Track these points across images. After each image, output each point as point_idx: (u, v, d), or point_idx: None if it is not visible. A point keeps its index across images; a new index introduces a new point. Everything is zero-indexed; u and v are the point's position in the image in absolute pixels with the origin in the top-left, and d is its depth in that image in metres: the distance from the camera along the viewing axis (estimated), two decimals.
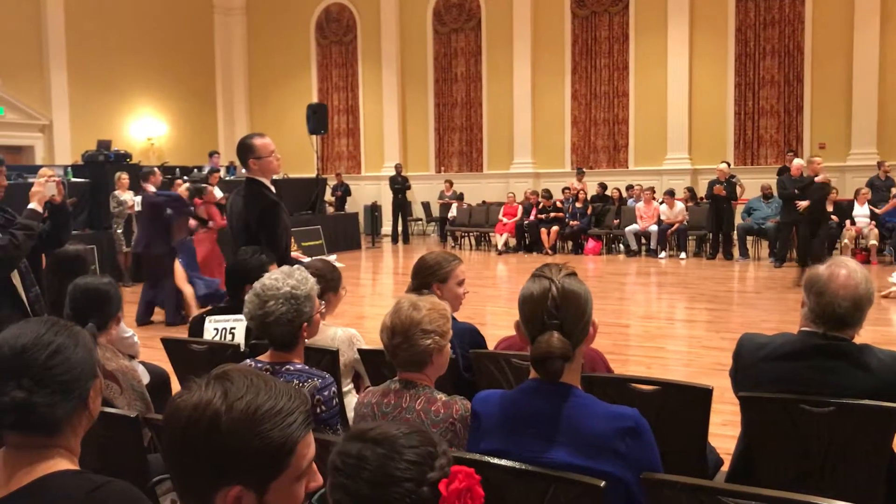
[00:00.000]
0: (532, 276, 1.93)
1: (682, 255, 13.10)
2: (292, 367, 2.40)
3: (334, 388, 2.43)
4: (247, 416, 1.12)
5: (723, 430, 3.82)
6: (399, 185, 16.46)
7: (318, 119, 15.42)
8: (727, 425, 3.88)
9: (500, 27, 17.18)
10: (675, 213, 13.33)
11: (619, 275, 11.55)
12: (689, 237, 13.33)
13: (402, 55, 18.48)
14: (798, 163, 10.49)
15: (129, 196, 10.25)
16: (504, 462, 1.79)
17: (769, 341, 2.41)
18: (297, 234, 12.92)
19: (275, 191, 4.14)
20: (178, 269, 8.05)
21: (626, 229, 13.70)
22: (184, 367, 3.35)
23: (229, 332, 3.44)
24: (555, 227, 14.18)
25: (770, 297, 9.07)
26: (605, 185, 15.17)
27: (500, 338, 3.07)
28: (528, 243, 14.56)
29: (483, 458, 1.81)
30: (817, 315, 2.28)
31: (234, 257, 3.76)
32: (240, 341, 3.36)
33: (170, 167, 13.27)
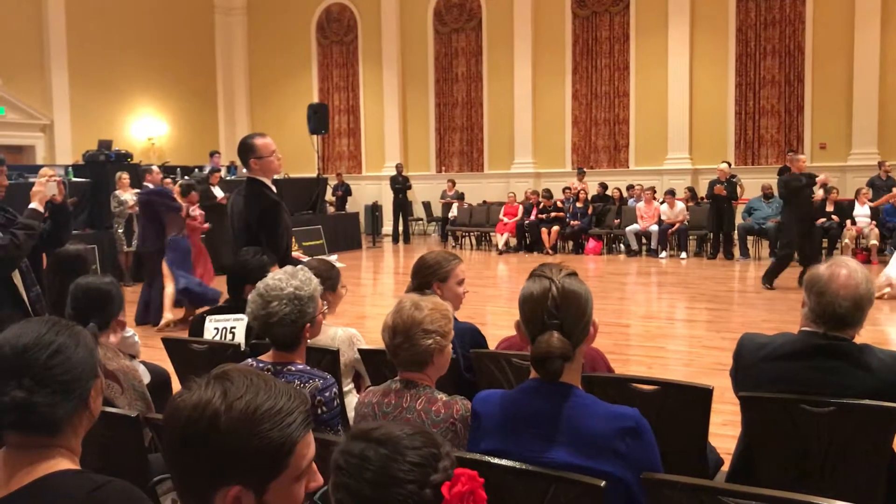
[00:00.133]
0: (532, 276, 1.93)
1: (683, 254, 13.10)
2: (294, 368, 2.40)
3: (335, 389, 2.43)
4: (246, 415, 1.12)
5: (723, 430, 3.82)
6: (400, 184, 16.46)
7: (318, 119, 15.43)
8: (727, 425, 3.88)
9: (500, 27, 17.17)
10: (675, 212, 13.33)
11: (620, 275, 11.55)
12: (690, 237, 13.32)
13: (402, 55, 18.48)
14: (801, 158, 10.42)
15: (130, 196, 10.26)
16: (504, 462, 1.80)
17: (769, 341, 2.41)
18: (298, 234, 12.93)
19: (276, 190, 4.14)
20: (164, 268, 8.01)
21: (627, 229, 13.70)
22: (184, 367, 3.35)
23: (230, 332, 3.44)
24: (555, 227, 14.18)
25: (770, 296, 9.07)
26: (605, 185, 15.17)
27: (501, 338, 3.07)
28: (528, 243, 14.56)
29: (483, 458, 1.81)
30: (818, 315, 2.28)
31: (234, 257, 3.76)
32: (240, 341, 3.36)
33: (171, 167, 13.28)
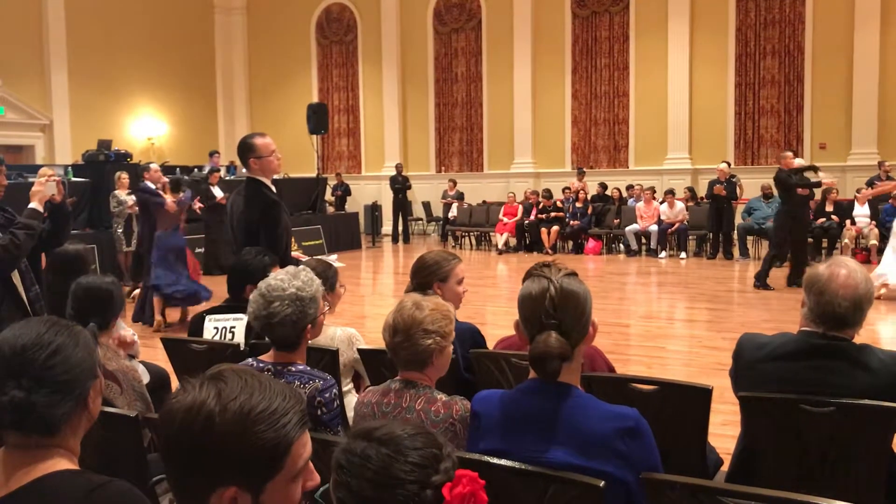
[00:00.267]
0: (531, 276, 1.93)
1: (683, 254, 13.10)
2: (295, 369, 2.40)
3: (336, 390, 2.43)
4: (241, 416, 1.12)
5: (723, 429, 3.81)
6: (399, 184, 16.46)
7: (318, 119, 15.43)
8: (727, 425, 3.88)
9: (500, 27, 17.17)
10: (675, 212, 13.33)
11: (620, 274, 11.55)
12: (690, 237, 13.33)
13: (402, 55, 18.48)
14: (798, 162, 10.43)
15: (130, 195, 10.25)
16: (503, 462, 1.79)
17: (769, 341, 2.41)
18: (298, 234, 12.93)
19: (275, 190, 4.14)
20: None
21: (627, 229, 13.70)
22: (184, 367, 3.35)
23: (229, 332, 3.44)
24: (555, 227, 14.19)
25: (770, 296, 9.06)
26: (605, 185, 15.17)
27: (500, 337, 3.07)
28: (528, 243, 14.57)
29: (483, 458, 1.81)
30: (817, 315, 2.28)
31: (236, 257, 3.76)
32: (240, 340, 3.36)
33: (170, 167, 13.26)
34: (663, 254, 13.27)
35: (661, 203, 13.57)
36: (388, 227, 17.12)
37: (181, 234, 8.21)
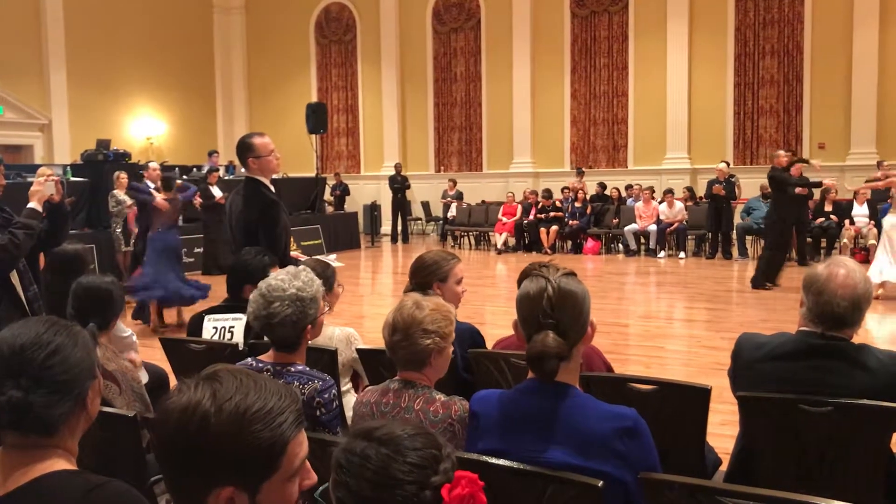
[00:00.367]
0: (529, 276, 1.93)
1: (682, 254, 13.10)
2: (294, 369, 2.40)
3: (335, 391, 2.42)
4: (236, 417, 1.12)
5: (722, 429, 3.81)
6: (398, 184, 16.45)
7: (317, 118, 15.43)
8: (726, 425, 3.88)
9: (499, 27, 17.17)
10: (674, 212, 13.33)
11: (619, 274, 11.55)
12: (689, 237, 13.33)
13: (401, 55, 18.48)
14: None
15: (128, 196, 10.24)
16: (502, 462, 1.79)
17: (768, 341, 2.41)
18: (297, 234, 12.92)
19: (274, 190, 4.14)
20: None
21: (626, 229, 13.70)
22: (182, 367, 3.35)
23: (228, 331, 3.44)
24: (554, 227, 14.19)
25: (769, 296, 9.07)
26: (604, 185, 15.17)
27: (499, 337, 3.07)
28: (527, 243, 14.57)
29: (481, 458, 1.81)
30: (816, 315, 2.28)
31: (235, 257, 3.76)
32: (239, 340, 3.36)
33: (169, 166, 13.25)
34: (662, 253, 13.27)
35: (660, 203, 13.58)
36: (387, 227, 17.12)
37: (177, 232, 8.20)
